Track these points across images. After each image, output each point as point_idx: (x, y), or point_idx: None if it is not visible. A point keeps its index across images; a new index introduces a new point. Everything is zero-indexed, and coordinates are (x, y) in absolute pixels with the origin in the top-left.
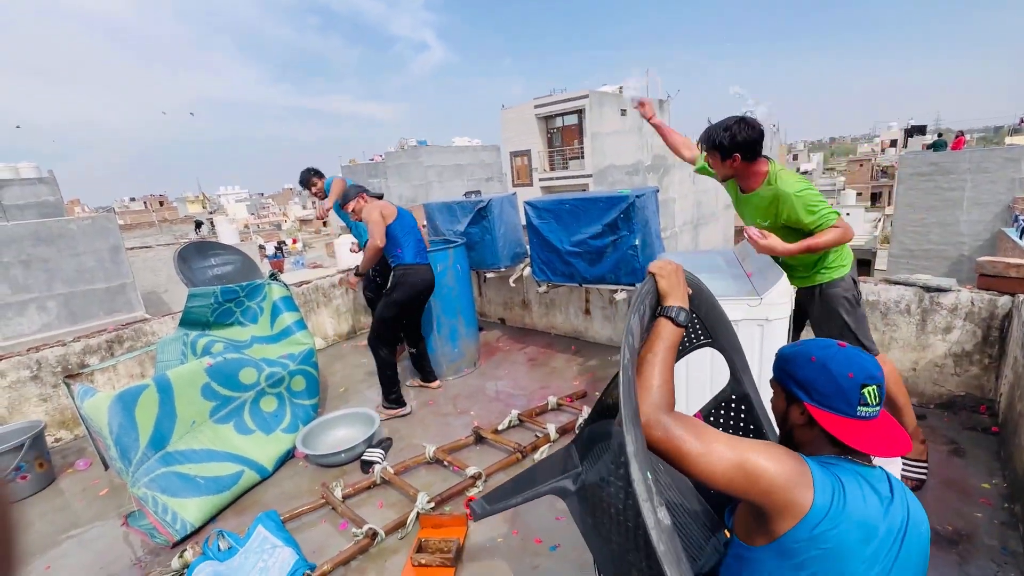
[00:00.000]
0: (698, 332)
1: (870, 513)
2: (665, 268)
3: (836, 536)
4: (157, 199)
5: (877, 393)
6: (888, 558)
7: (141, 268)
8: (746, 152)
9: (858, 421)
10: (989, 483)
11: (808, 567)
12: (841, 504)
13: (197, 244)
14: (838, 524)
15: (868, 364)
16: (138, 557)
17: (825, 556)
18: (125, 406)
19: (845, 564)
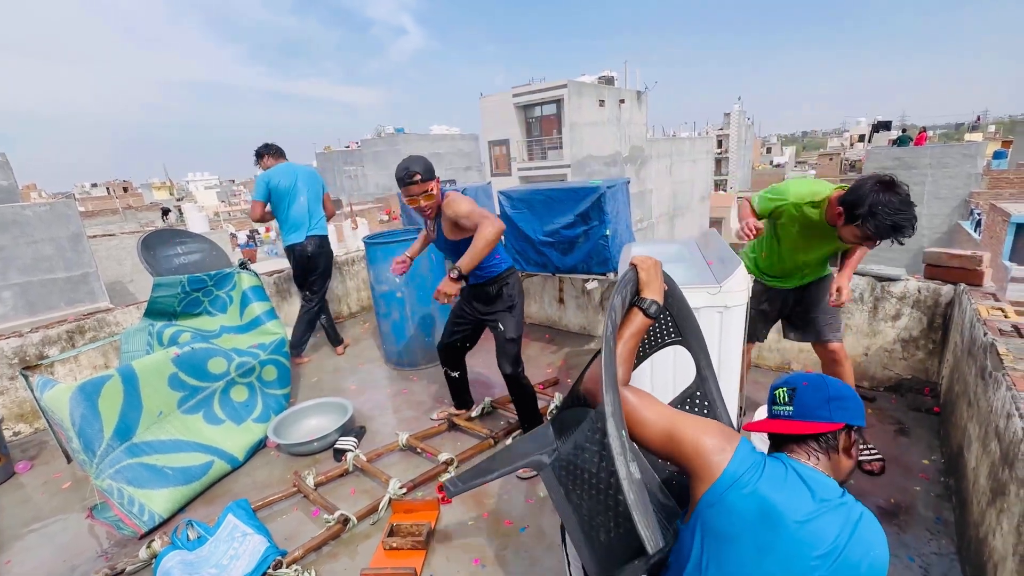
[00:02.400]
0: (669, 329)
1: (783, 501)
2: (647, 262)
3: (735, 506)
4: (121, 185)
5: (785, 394)
6: (798, 558)
7: (105, 257)
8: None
9: (771, 421)
10: (929, 459)
11: (705, 535)
12: (754, 479)
13: (162, 232)
14: (743, 495)
15: (794, 377)
16: (104, 549)
17: (718, 521)
18: (87, 397)
19: (735, 544)
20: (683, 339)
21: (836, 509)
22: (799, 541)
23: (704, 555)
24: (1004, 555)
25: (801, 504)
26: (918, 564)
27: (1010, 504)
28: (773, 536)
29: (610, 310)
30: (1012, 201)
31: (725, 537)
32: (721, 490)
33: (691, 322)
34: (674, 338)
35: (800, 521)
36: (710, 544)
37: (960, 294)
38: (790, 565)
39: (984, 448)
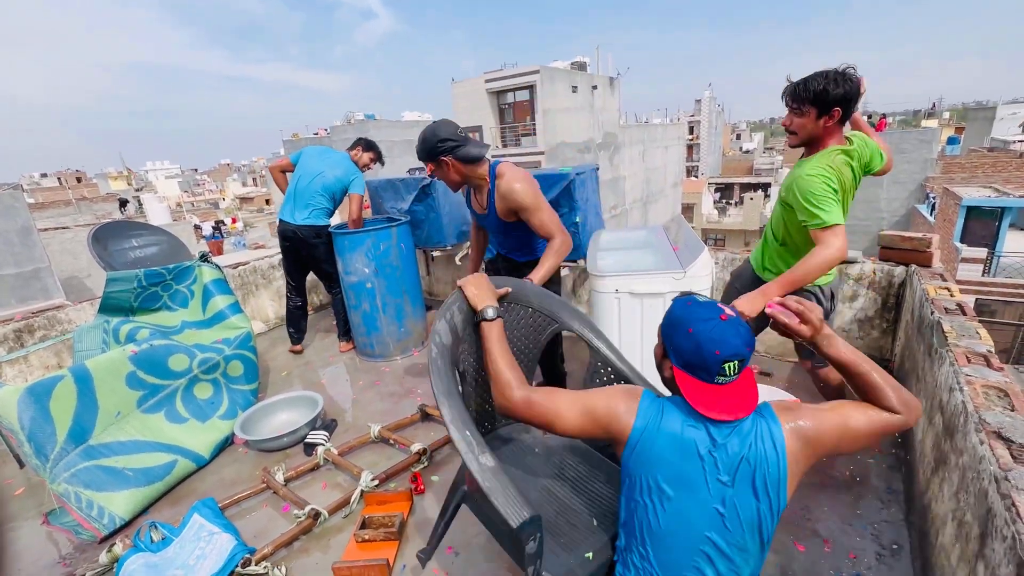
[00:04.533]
0: (544, 320)
1: (688, 434)
2: (469, 280)
3: (651, 448)
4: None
5: (737, 366)
6: (712, 475)
7: (58, 251)
8: (846, 108)
9: (713, 386)
10: None
11: (634, 477)
12: (656, 424)
13: (115, 224)
14: (654, 439)
15: (736, 342)
16: (62, 555)
17: (642, 464)
18: (37, 399)
19: (659, 470)
20: (559, 322)
21: (727, 429)
22: (691, 442)
23: (642, 486)
24: (944, 520)
25: (703, 433)
26: (870, 532)
27: (950, 472)
28: (696, 464)
29: (433, 333)
30: (963, 185)
31: (650, 465)
32: (633, 444)
33: (560, 306)
34: (552, 326)
35: (713, 450)
36: (640, 478)
37: (911, 275)
38: (691, 459)
39: (930, 421)
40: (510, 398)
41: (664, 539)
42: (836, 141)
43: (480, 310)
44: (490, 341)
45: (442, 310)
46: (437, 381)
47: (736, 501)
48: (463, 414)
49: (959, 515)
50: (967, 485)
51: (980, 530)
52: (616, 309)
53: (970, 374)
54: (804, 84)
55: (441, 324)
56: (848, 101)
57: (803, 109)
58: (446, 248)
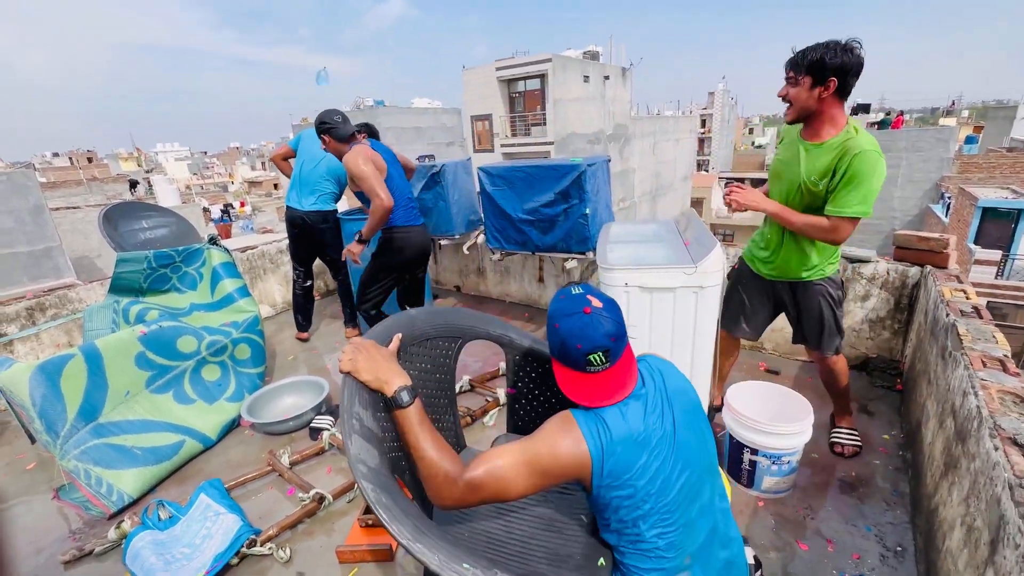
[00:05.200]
0: (447, 343)
1: (632, 425)
2: (356, 360)
3: (617, 462)
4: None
5: (603, 356)
6: (665, 440)
7: (69, 231)
8: (842, 80)
9: (587, 374)
10: (889, 434)
11: (613, 498)
12: (607, 435)
13: (125, 204)
14: (614, 452)
15: (596, 334)
16: (72, 530)
17: (617, 479)
18: (48, 377)
19: (635, 476)
20: (464, 335)
21: (640, 390)
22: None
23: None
24: (952, 525)
25: (638, 412)
26: (874, 533)
27: (960, 477)
28: (653, 445)
29: (353, 463)
30: (980, 185)
31: (628, 476)
32: (599, 469)
33: (455, 322)
34: (459, 341)
35: (650, 420)
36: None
37: (926, 276)
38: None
39: (940, 424)
40: (453, 495)
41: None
42: (841, 117)
43: (392, 396)
44: (412, 431)
45: (344, 420)
46: (397, 526)
47: (690, 434)
48: (451, 549)
49: (968, 520)
50: (978, 491)
51: (991, 537)
52: (625, 303)
53: (985, 378)
54: (803, 53)
55: (356, 444)
56: (845, 72)
57: (799, 79)
58: (454, 237)
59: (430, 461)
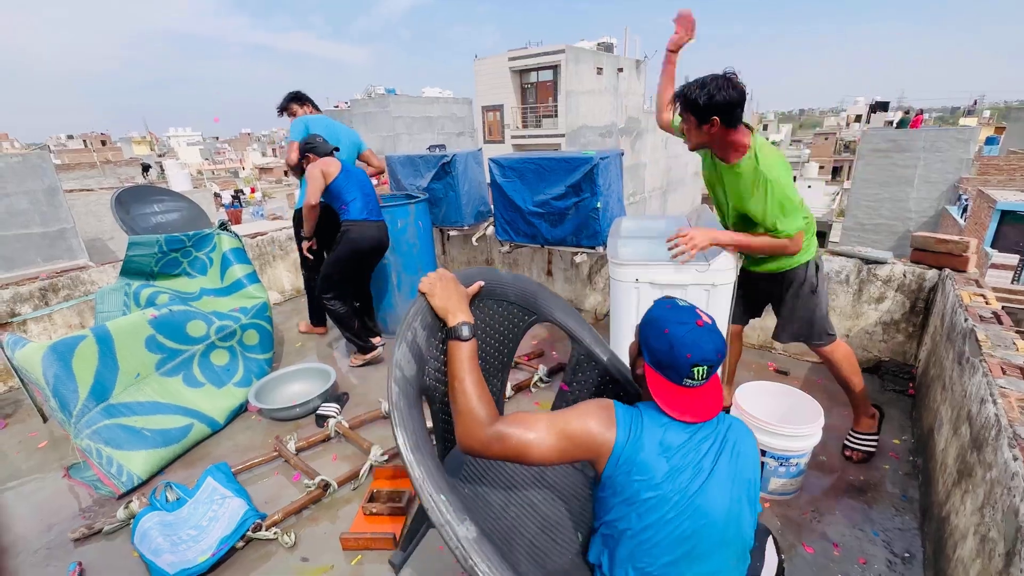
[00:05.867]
0: (520, 313)
1: (669, 437)
2: (435, 284)
3: (634, 455)
4: (98, 138)
5: (706, 372)
6: (695, 470)
7: (83, 213)
8: (725, 116)
9: (681, 388)
10: (899, 439)
11: (623, 491)
12: (639, 431)
13: (138, 188)
14: (637, 446)
15: (708, 348)
16: (82, 508)
17: (630, 474)
18: (60, 357)
19: (644, 483)
20: (539, 313)
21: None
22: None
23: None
24: (965, 534)
25: (680, 431)
26: (882, 539)
27: (975, 486)
28: (677, 461)
29: (392, 366)
30: (999, 188)
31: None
32: (617, 456)
33: (540, 297)
34: (531, 318)
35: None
36: (629, 487)
37: (944, 279)
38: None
39: (955, 431)
40: (480, 437)
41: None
42: (741, 140)
43: (453, 327)
44: (460, 367)
45: (401, 329)
46: (401, 431)
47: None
48: (436, 473)
49: (982, 530)
50: (994, 501)
51: (1007, 548)
52: (635, 298)
53: (1005, 386)
54: (683, 93)
55: (401, 351)
56: (725, 110)
57: (685, 116)
58: (463, 228)
59: (468, 397)
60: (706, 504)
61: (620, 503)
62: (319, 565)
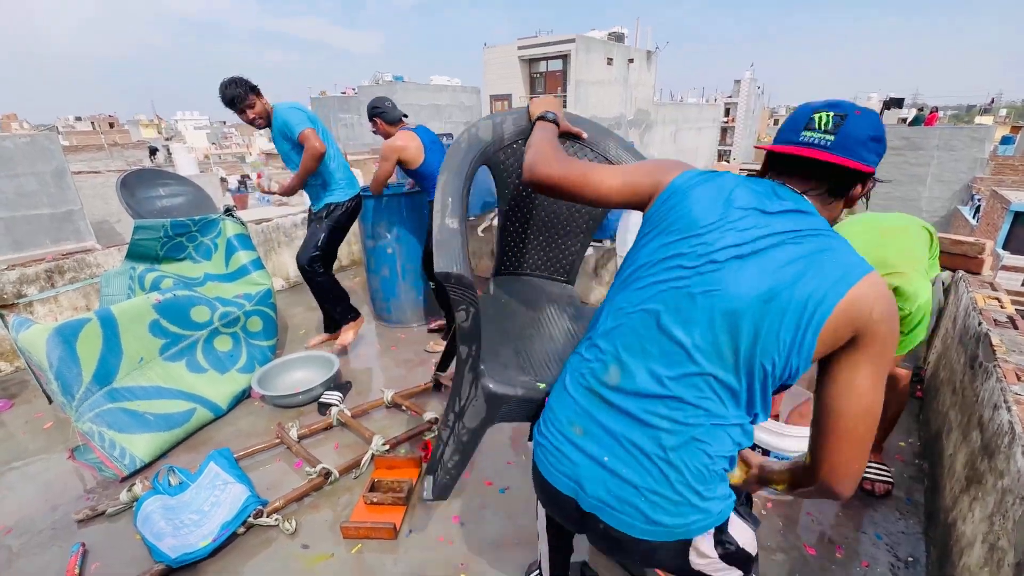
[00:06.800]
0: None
1: (740, 194)
2: (540, 101)
3: (690, 190)
4: (106, 120)
5: (829, 119)
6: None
7: (90, 195)
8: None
9: (798, 148)
10: (905, 442)
11: (652, 224)
12: (703, 181)
13: (143, 172)
14: (695, 183)
15: (843, 102)
16: (87, 490)
17: (672, 206)
18: (65, 340)
19: (687, 209)
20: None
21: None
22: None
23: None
24: (972, 541)
25: (749, 196)
26: (885, 542)
27: (985, 493)
28: (710, 201)
29: (471, 126)
30: (1014, 189)
31: (669, 212)
32: (668, 193)
33: (609, 139)
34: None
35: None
36: (655, 221)
37: (957, 281)
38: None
39: (964, 436)
40: (548, 163)
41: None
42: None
43: (542, 114)
44: (543, 134)
45: (492, 116)
46: (459, 152)
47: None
48: (460, 185)
49: (991, 539)
50: (1005, 509)
51: (1017, 559)
52: None
53: (1020, 393)
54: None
55: (484, 124)
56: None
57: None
58: (469, 218)
59: (541, 146)
60: (728, 286)
61: (642, 245)
62: (319, 553)
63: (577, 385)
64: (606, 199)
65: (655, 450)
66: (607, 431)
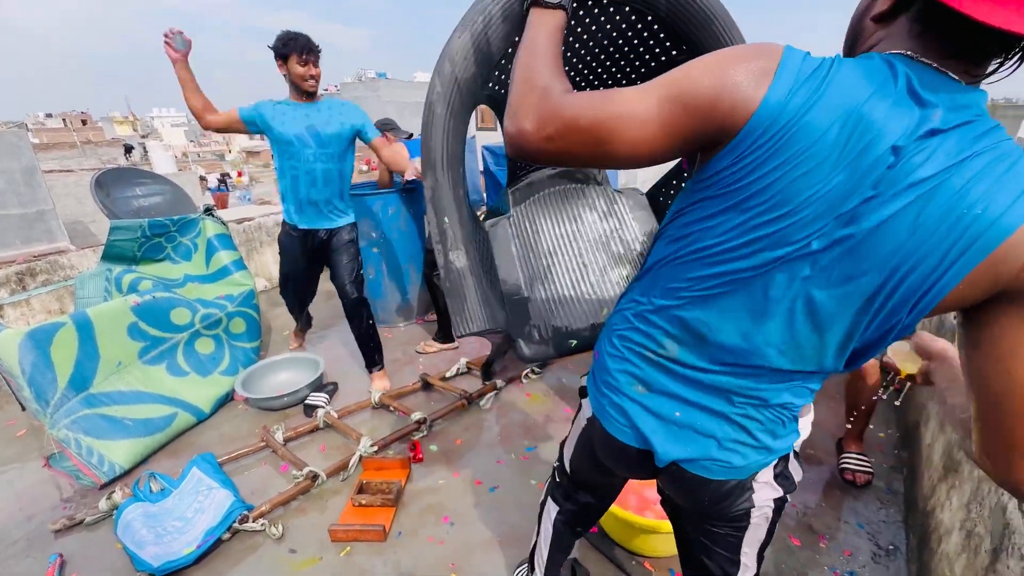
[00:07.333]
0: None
1: (875, 111)
2: None
3: (791, 137)
4: (79, 117)
5: None
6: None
7: (63, 194)
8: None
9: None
10: (885, 432)
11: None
12: (815, 87)
13: (119, 170)
14: (800, 121)
15: None
16: (63, 499)
17: (778, 150)
18: (38, 344)
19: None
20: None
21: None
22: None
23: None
24: (950, 528)
25: (901, 112)
26: (867, 531)
27: (962, 481)
28: (845, 145)
29: (441, 59)
30: None
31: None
32: (757, 131)
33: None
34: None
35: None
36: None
37: None
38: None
39: (942, 427)
40: (539, 110)
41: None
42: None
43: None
44: (534, 34)
45: (469, 14)
46: (430, 134)
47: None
48: (452, 193)
49: (968, 526)
50: (982, 497)
51: (993, 545)
52: None
53: None
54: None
55: (460, 42)
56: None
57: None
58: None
59: (536, 62)
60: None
61: (717, 209)
62: (307, 557)
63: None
64: (642, 151)
65: (732, 409)
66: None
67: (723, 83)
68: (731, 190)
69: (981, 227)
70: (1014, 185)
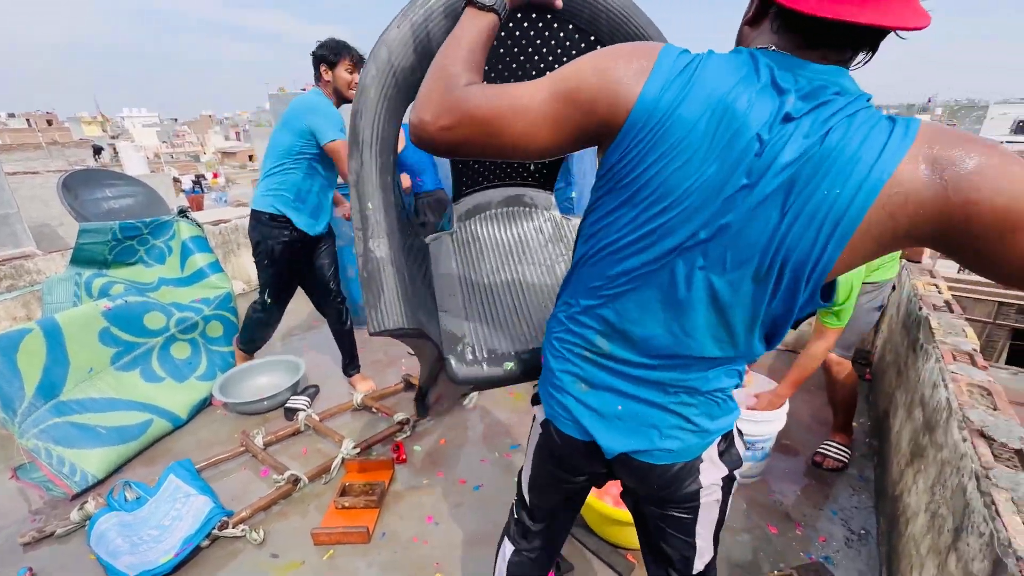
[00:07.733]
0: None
1: (739, 100)
2: None
3: (665, 130)
4: (44, 117)
5: None
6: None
7: (28, 197)
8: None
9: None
10: (857, 422)
11: (628, 180)
12: (683, 91)
13: (87, 172)
14: (672, 114)
15: None
16: (33, 511)
17: (638, 156)
18: (3, 352)
19: (666, 160)
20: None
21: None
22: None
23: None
24: (917, 511)
25: (764, 98)
26: (840, 517)
27: (927, 466)
28: (714, 133)
29: (378, 44)
30: None
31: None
32: (636, 124)
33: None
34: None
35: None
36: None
37: (900, 269)
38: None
39: (908, 414)
40: (439, 101)
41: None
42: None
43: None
44: (460, 31)
45: (410, 6)
46: (360, 116)
47: (747, 226)
48: (378, 179)
49: (933, 507)
50: (944, 480)
51: (955, 524)
52: None
53: (955, 371)
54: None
55: (400, 32)
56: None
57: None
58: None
59: (451, 57)
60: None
61: (606, 192)
62: (289, 561)
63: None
64: (533, 143)
65: (667, 399)
66: (611, 390)
67: (606, 80)
68: (622, 185)
69: (845, 200)
70: (869, 147)
